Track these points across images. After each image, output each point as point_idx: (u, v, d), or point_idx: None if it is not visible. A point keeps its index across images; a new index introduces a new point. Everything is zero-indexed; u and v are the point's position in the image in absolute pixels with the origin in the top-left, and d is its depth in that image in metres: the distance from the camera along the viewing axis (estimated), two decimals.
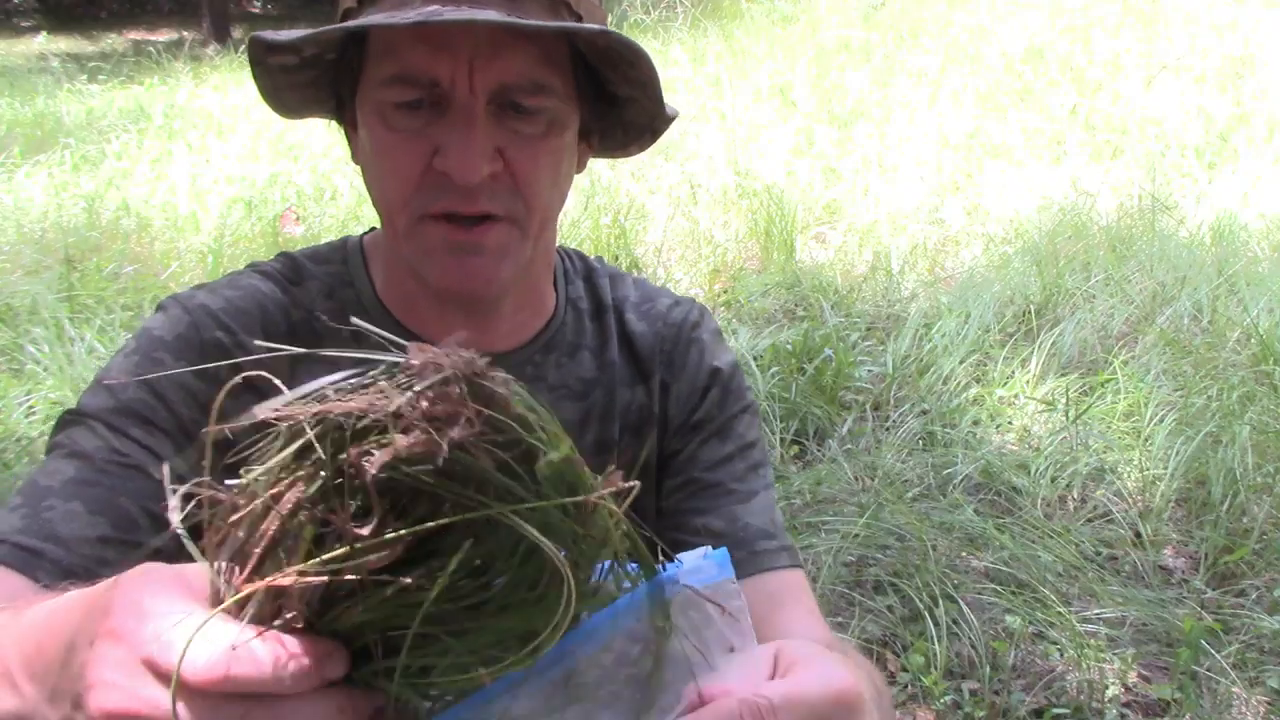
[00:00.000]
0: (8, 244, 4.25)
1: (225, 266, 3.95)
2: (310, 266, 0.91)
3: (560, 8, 0.77)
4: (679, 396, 0.96)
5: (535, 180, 0.80)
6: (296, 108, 0.87)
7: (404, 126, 0.77)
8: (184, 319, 0.83)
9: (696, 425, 0.96)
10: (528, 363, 0.91)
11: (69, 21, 15.51)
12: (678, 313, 0.99)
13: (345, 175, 5.29)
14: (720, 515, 0.91)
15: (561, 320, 0.95)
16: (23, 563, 0.71)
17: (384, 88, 0.77)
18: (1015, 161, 5.39)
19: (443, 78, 0.75)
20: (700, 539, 0.90)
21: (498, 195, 0.78)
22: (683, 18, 8.55)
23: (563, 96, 0.79)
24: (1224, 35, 7.13)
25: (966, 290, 3.80)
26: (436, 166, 0.77)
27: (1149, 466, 2.72)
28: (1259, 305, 3.46)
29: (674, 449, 0.96)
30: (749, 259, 4.35)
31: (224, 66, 9.79)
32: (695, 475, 0.93)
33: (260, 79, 0.82)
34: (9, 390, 3.03)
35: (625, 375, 0.96)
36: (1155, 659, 2.12)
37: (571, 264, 1.00)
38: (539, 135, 0.79)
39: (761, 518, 0.92)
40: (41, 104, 7.60)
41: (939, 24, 7.89)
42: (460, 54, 0.74)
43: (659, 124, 0.88)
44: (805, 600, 0.89)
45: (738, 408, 0.97)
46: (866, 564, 2.37)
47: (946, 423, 2.96)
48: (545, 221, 0.84)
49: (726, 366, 0.98)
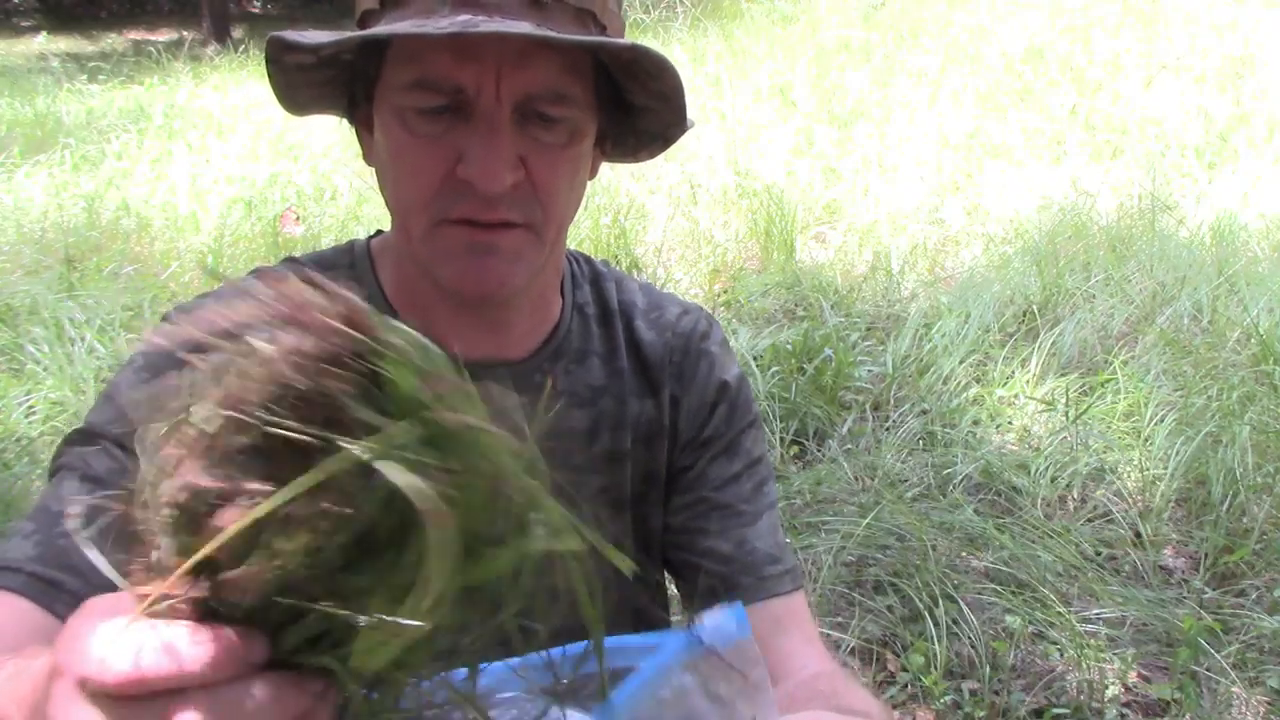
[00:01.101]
0: (8, 244, 4.25)
1: (225, 267, 3.95)
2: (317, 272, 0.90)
3: (586, 18, 0.77)
4: (689, 411, 0.96)
5: (554, 189, 0.80)
6: (307, 105, 0.87)
7: (425, 131, 0.77)
8: None
9: (706, 442, 0.96)
10: (537, 371, 0.91)
11: (69, 21, 15.51)
12: (686, 322, 0.99)
13: (345, 175, 5.30)
14: (728, 538, 0.92)
15: (568, 326, 0.94)
16: (41, 594, 0.70)
17: (406, 92, 0.76)
18: (1015, 161, 5.39)
19: (468, 85, 0.74)
20: (707, 561, 0.92)
21: (518, 203, 0.78)
22: (683, 18, 8.56)
23: (583, 105, 0.79)
24: (1224, 35, 7.13)
25: (966, 290, 3.80)
26: (459, 174, 0.76)
27: (1149, 466, 2.72)
28: (1259, 305, 3.46)
29: (683, 464, 0.96)
30: (749, 259, 4.35)
31: (224, 66, 9.79)
32: (704, 494, 0.94)
33: (275, 76, 0.81)
34: (9, 390, 3.03)
35: (635, 386, 0.96)
36: (1155, 659, 2.12)
37: (579, 268, 0.99)
38: (560, 144, 0.79)
39: (767, 540, 0.93)
40: (41, 104, 7.60)
41: (939, 24, 7.89)
42: (488, 62, 0.74)
43: (673, 132, 0.88)
44: (806, 626, 0.92)
45: (744, 423, 0.98)
46: (866, 564, 2.37)
47: (946, 423, 2.96)
48: (561, 229, 0.84)
49: (734, 380, 0.98)
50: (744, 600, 0.88)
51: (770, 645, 0.87)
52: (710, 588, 0.91)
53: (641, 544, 0.97)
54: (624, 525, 0.94)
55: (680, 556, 0.94)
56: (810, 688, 0.85)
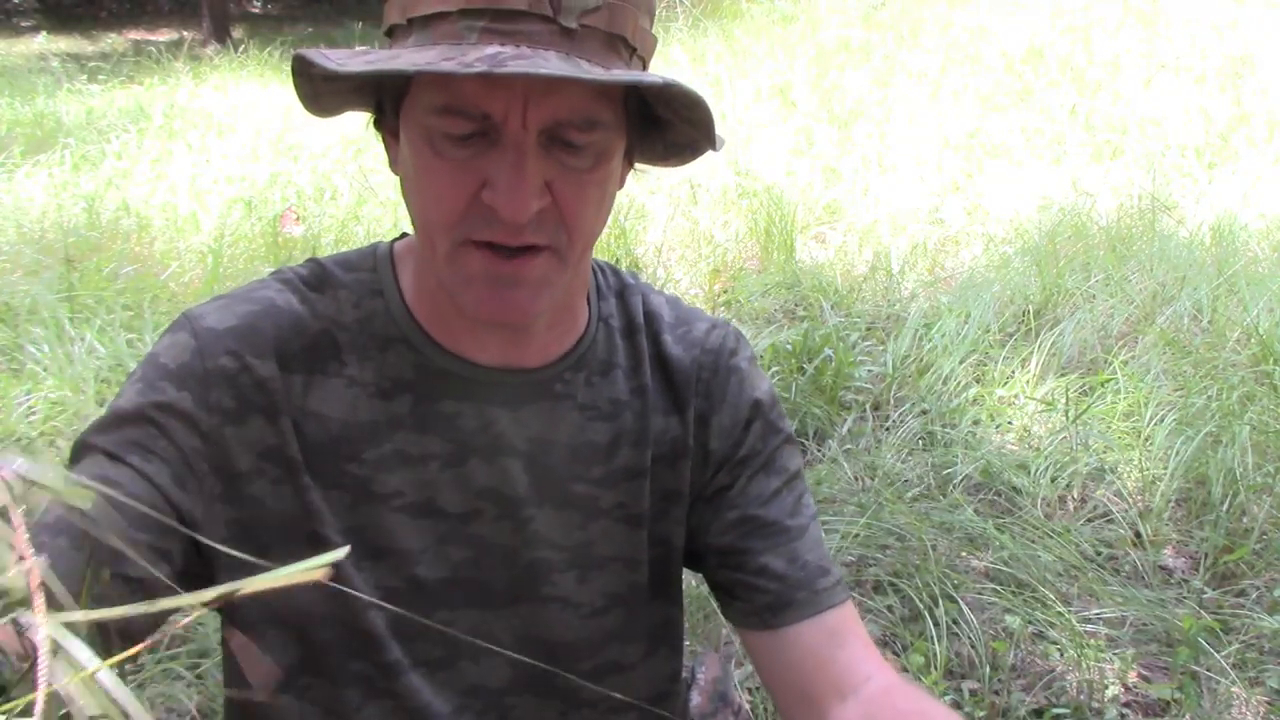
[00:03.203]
0: (8, 244, 4.25)
1: (225, 266, 3.95)
2: (339, 274, 0.90)
3: (618, 43, 0.76)
4: (720, 429, 0.96)
5: (581, 213, 0.79)
6: (333, 110, 0.87)
7: (452, 155, 0.76)
8: (190, 345, 0.83)
9: (743, 460, 0.96)
10: (557, 380, 0.90)
11: (69, 21, 15.51)
12: (715, 338, 0.98)
13: (345, 175, 5.30)
14: (779, 554, 0.93)
15: (593, 338, 0.93)
16: None
17: (434, 116, 0.76)
18: (1015, 161, 5.40)
19: (496, 113, 0.74)
20: (761, 579, 0.92)
21: (543, 228, 0.77)
22: (683, 18, 8.56)
23: (612, 127, 0.78)
24: (1224, 35, 7.13)
25: (966, 290, 3.81)
26: (485, 199, 0.76)
27: (1149, 466, 2.72)
28: (1259, 305, 3.46)
29: (722, 484, 0.96)
30: (749, 259, 4.35)
31: (224, 66, 9.78)
32: (750, 513, 0.94)
33: (301, 87, 0.81)
34: (9, 390, 3.02)
35: (659, 402, 0.95)
36: (1155, 659, 2.12)
37: (605, 279, 0.98)
38: (587, 168, 0.78)
39: (816, 552, 0.94)
40: (41, 104, 7.59)
41: (939, 24, 7.90)
42: (515, 90, 0.73)
43: (702, 146, 0.87)
44: (861, 634, 0.94)
45: (780, 439, 0.98)
46: (866, 564, 2.37)
47: (946, 423, 2.96)
48: (586, 248, 0.83)
49: (766, 397, 0.98)
50: (803, 614, 0.91)
51: (832, 658, 0.89)
52: (768, 605, 0.92)
53: (660, 562, 0.96)
54: (640, 542, 0.94)
55: (732, 577, 0.94)
56: (894, 709, 0.86)
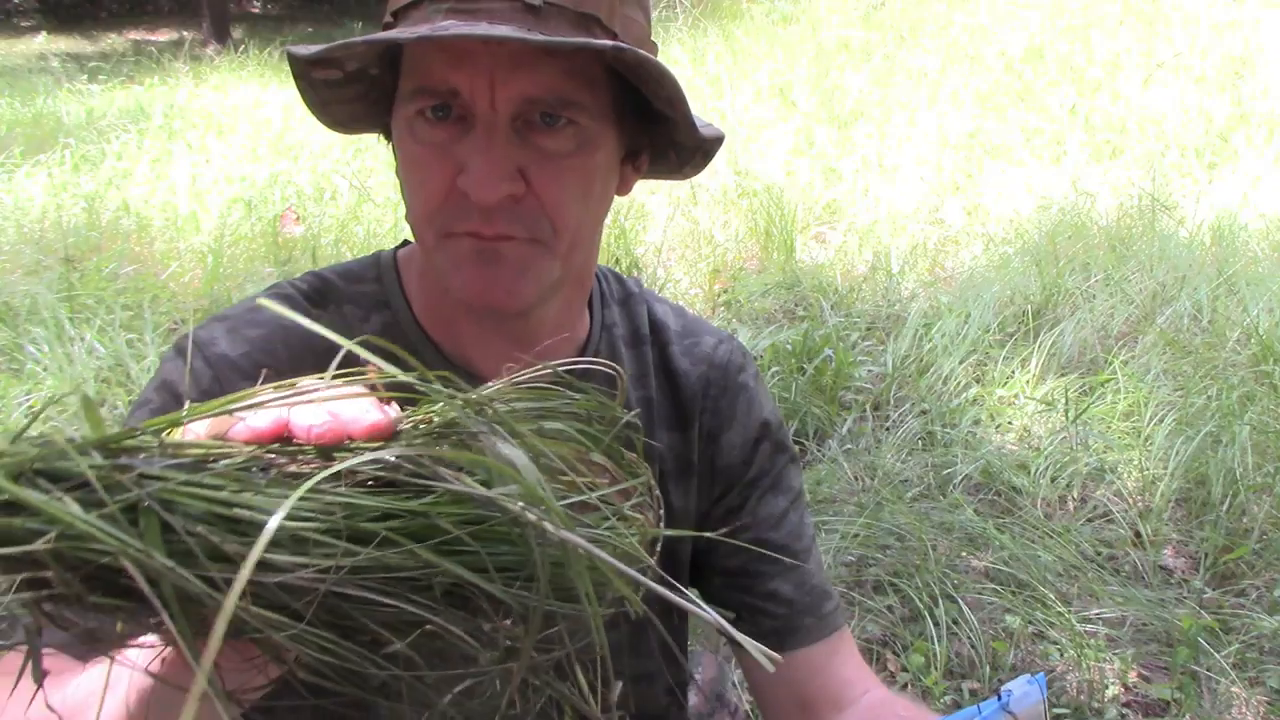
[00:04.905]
0: (8, 244, 4.25)
1: (225, 267, 3.95)
2: (343, 286, 0.89)
3: (590, 23, 0.74)
4: (729, 447, 0.96)
5: (561, 202, 0.77)
6: (347, 123, 0.87)
7: (429, 139, 0.76)
8: (206, 373, 0.82)
9: (753, 481, 0.97)
10: None
11: (69, 21, 15.51)
12: (723, 353, 0.98)
13: (345, 175, 5.30)
14: (788, 579, 0.95)
15: (595, 346, 0.93)
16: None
17: (410, 100, 0.76)
18: (1015, 161, 5.39)
19: (463, 88, 0.74)
20: (771, 604, 0.95)
21: (520, 218, 0.77)
22: (683, 18, 8.55)
23: (594, 114, 0.77)
24: (1224, 35, 7.12)
25: (966, 290, 3.80)
26: (459, 185, 0.76)
27: (1149, 466, 2.72)
28: (1259, 305, 3.46)
29: (732, 505, 0.97)
30: (749, 259, 4.35)
31: (224, 66, 9.78)
32: (762, 536, 0.96)
33: (306, 94, 0.82)
34: (9, 390, 3.02)
35: (666, 416, 0.95)
36: (1155, 659, 2.12)
37: (609, 287, 0.97)
38: (565, 154, 0.76)
39: (819, 575, 0.97)
40: (41, 104, 7.59)
41: (939, 24, 7.89)
42: (480, 67, 0.73)
43: (710, 145, 0.86)
44: (855, 651, 0.99)
45: (786, 459, 0.99)
46: (866, 564, 2.37)
47: (946, 423, 2.96)
48: (575, 243, 0.81)
49: (773, 418, 0.99)
50: (809, 640, 0.95)
51: (830, 674, 0.94)
52: (774, 630, 0.94)
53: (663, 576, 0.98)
54: None
55: (741, 599, 0.95)
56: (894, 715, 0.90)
